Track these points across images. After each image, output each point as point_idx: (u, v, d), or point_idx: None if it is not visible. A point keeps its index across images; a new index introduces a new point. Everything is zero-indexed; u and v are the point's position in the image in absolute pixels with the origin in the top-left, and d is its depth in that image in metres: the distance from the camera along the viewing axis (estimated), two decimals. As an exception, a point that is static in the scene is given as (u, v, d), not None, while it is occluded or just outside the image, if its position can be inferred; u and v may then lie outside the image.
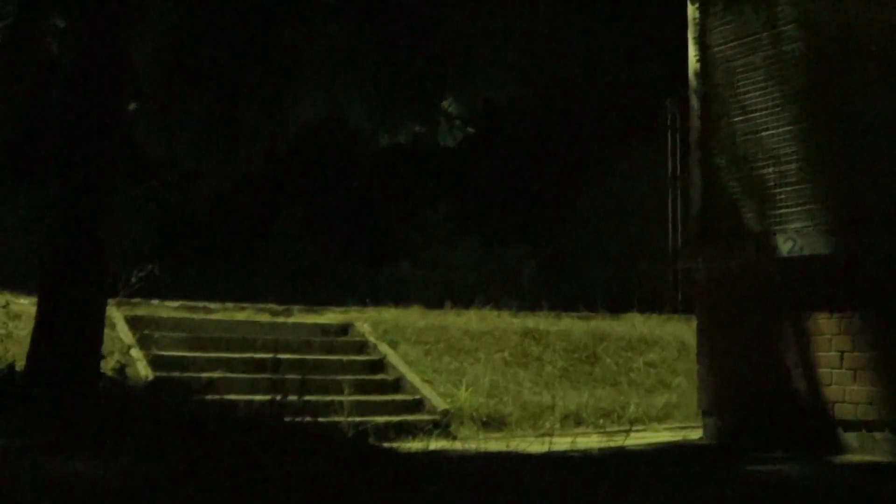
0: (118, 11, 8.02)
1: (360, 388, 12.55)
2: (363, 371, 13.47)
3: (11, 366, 8.01)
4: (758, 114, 9.98)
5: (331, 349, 13.96)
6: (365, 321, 14.87)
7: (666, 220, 27.10)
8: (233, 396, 9.90)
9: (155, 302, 14.71)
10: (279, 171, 22.44)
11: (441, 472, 5.86)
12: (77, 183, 7.85)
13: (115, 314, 12.94)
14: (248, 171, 9.84)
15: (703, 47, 10.55)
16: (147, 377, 10.99)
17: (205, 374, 11.16)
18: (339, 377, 12.57)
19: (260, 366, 12.27)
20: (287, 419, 7.04)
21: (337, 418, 10.55)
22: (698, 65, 10.58)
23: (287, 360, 12.34)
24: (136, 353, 11.92)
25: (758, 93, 9.99)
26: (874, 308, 8.93)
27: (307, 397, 8.46)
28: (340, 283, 25.74)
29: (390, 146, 10.25)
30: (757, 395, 9.80)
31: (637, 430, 11.77)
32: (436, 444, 9.41)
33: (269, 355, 11.78)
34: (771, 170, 9.84)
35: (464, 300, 17.84)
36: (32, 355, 7.62)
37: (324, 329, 14.66)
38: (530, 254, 29.60)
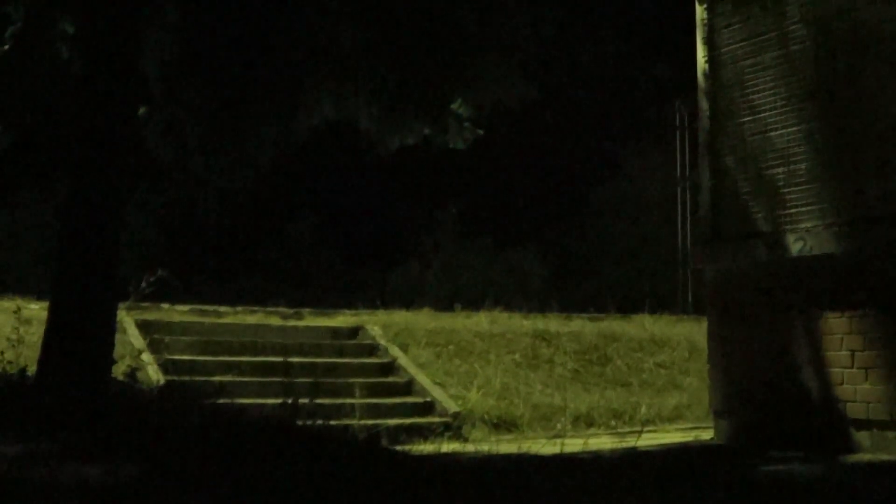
0: (128, 17, 8.04)
1: (372, 390, 12.55)
2: (374, 374, 13.47)
3: (23, 371, 8.05)
4: (767, 113, 9.97)
5: (341, 352, 13.96)
6: (375, 324, 14.87)
7: (675, 221, 27.09)
8: (244, 400, 9.89)
9: (165, 306, 14.75)
10: (289, 174, 22.50)
11: (454, 474, 5.86)
12: (87, 188, 7.87)
13: (126, 318, 12.97)
14: (257, 175, 9.85)
15: (711, 48, 10.54)
16: (158, 381, 11.00)
17: (216, 378, 11.16)
18: (350, 380, 12.57)
19: (271, 369, 12.28)
20: (299, 422, 7.05)
21: (348, 421, 10.54)
22: (707, 65, 10.57)
23: (298, 363, 12.37)
24: (146, 357, 11.92)
25: (767, 92, 9.98)
26: (884, 307, 8.90)
27: (318, 400, 8.47)
28: (350, 285, 25.81)
29: (400, 149, 10.24)
30: (768, 395, 9.78)
31: (649, 431, 11.75)
32: (447, 447, 9.39)
33: (280, 359, 11.80)
34: (780, 169, 9.83)
35: (474, 302, 17.86)
36: (44, 360, 7.65)
37: (334, 332, 14.67)
38: (540, 255, 29.61)
